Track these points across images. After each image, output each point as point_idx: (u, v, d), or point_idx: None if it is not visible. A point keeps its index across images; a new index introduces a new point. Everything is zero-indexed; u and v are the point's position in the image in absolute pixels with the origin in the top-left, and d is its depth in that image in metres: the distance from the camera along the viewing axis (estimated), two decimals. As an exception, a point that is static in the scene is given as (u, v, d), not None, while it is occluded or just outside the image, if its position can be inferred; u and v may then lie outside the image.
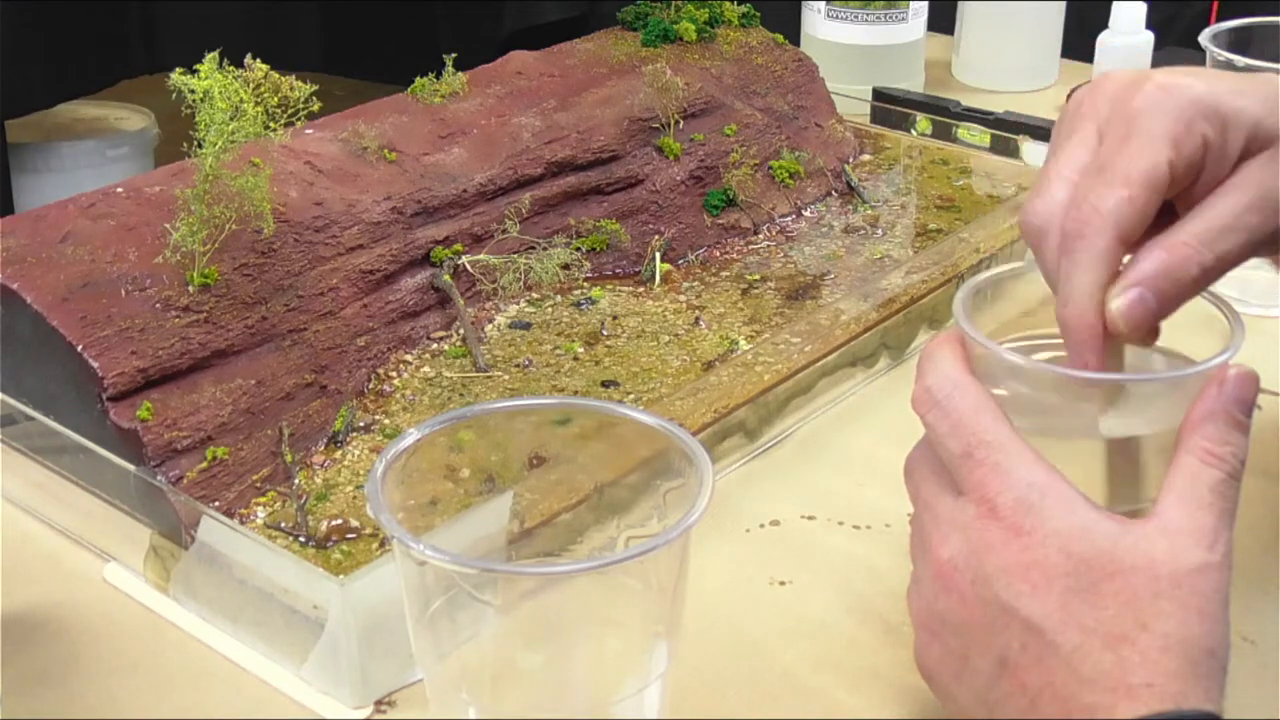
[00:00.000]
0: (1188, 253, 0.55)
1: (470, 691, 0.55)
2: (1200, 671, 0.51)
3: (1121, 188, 0.55)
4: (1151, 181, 0.55)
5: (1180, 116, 0.55)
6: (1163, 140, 0.55)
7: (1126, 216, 0.55)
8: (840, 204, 1.08)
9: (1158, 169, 0.55)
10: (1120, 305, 0.55)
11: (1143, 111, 0.56)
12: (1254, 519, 0.74)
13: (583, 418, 0.62)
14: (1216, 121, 0.56)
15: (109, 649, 0.67)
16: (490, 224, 0.92)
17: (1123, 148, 0.55)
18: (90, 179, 1.65)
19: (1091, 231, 0.55)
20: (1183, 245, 0.55)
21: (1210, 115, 0.56)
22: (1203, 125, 0.56)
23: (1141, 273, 0.55)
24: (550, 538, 0.65)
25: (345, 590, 0.62)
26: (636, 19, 1.12)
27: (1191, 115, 0.55)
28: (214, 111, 0.72)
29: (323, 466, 0.76)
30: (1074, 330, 0.56)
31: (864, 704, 0.64)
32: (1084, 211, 0.55)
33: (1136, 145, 0.55)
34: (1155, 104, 0.56)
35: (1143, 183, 0.55)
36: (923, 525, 0.57)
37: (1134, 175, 0.55)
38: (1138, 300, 0.55)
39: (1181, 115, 0.55)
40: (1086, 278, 0.55)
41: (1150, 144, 0.55)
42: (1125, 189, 0.55)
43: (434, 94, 0.98)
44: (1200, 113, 0.56)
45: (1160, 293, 0.55)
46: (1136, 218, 0.55)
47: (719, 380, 0.81)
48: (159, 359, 0.72)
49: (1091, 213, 0.55)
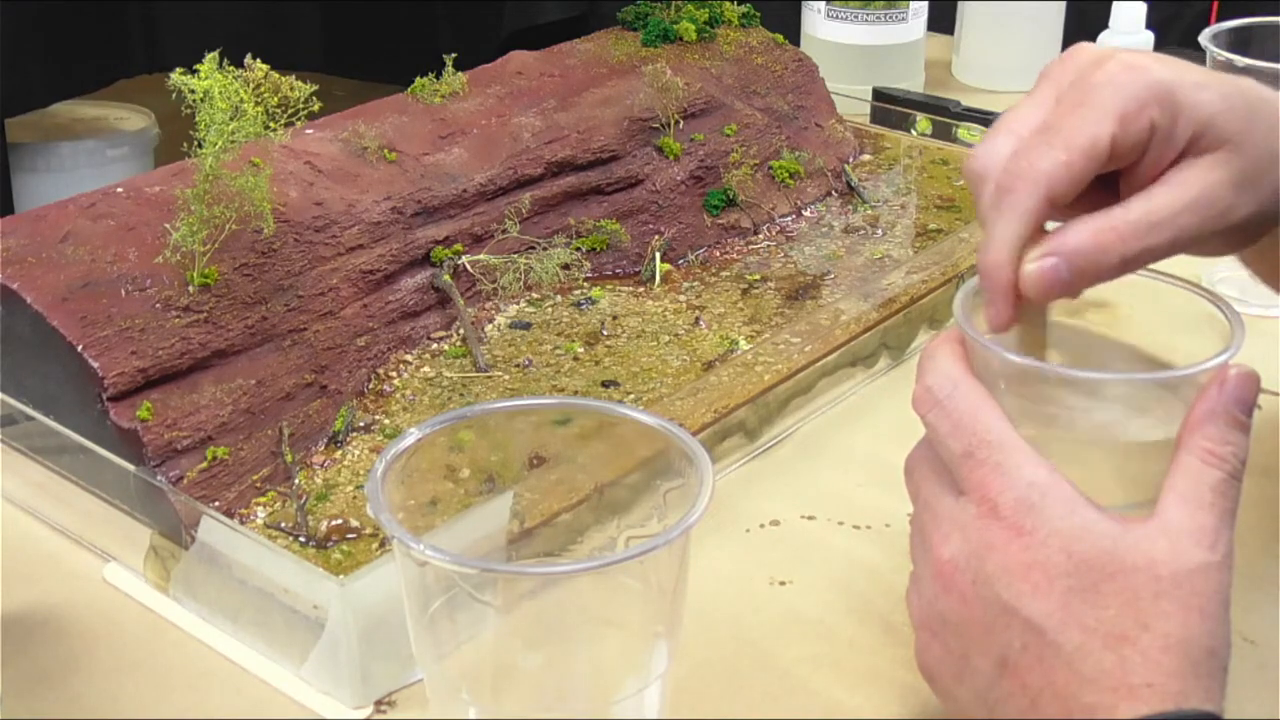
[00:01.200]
0: (1114, 239, 0.56)
1: (470, 691, 0.55)
2: (1201, 671, 0.51)
3: (1061, 151, 0.56)
4: (1090, 151, 0.56)
5: (1134, 95, 0.56)
6: (1110, 114, 0.56)
7: (1059, 179, 0.56)
8: (840, 204, 1.08)
9: (1099, 140, 0.56)
10: (1033, 269, 0.56)
11: (1100, 85, 0.57)
12: (1254, 519, 0.74)
13: (583, 418, 0.62)
14: (1169, 108, 0.56)
15: (109, 649, 0.67)
16: (490, 224, 0.92)
17: (1071, 114, 0.56)
18: (90, 179, 1.64)
19: (1022, 186, 0.56)
20: (1111, 230, 0.56)
21: (1164, 101, 0.56)
22: (1154, 109, 0.56)
23: (1063, 244, 0.56)
24: (550, 538, 0.65)
25: (345, 590, 0.62)
26: (636, 19, 1.12)
27: (1145, 97, 0.56)
28: (214, 111, 0.72)
29: (323, 466, 0.76)
30: (989, 278, 0.57)
31: (864, 704, 0.64)
32: (1020, 166, 0.56)
33: (1084, 114, 0.56)
34: (1113, 79, 0.57)
35: (1082, 150, 0.56)
36: (923, 525, 0.57)
37: (1075, 142, 0.56)
38: (1051, 269, 0.56)
39: (1135, 95, 0.56)
40: (1009, 230, 0.56)
41: (1098, 116, 0.56)
42: (1064, 153, 0.56)
43: (434, 94, 0.98)
44: (1155, 96, 0.56)
45: (1076, 269, 0.56)
46: (1069, 182, 0.56)
47: (719, 380, 0.81)
48: (159, 359, 0.72)
49: (1027, 167, 0.56)
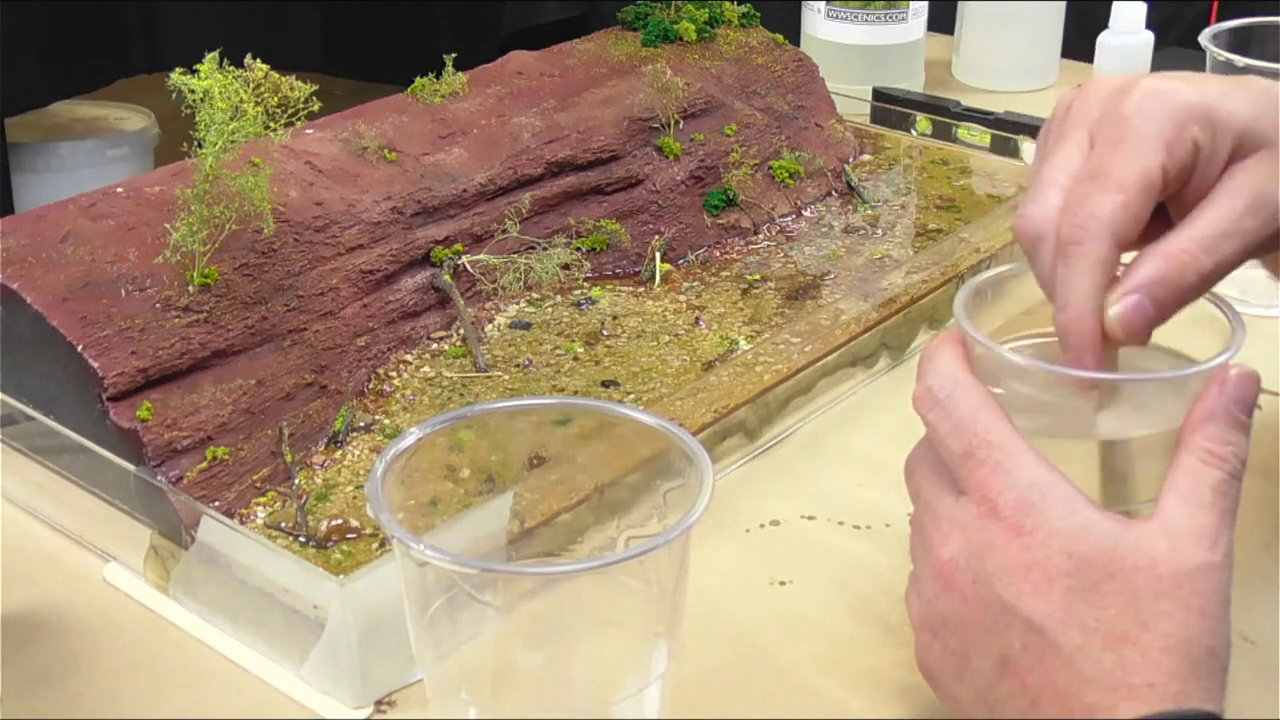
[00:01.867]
0: (1186, 259, 0.55)
1: (470, 691, 0.55)
2: (1201, 671, 0.51)
3: (1116, 193, 0.55)
4: (1145, 186, 0.55)
5: (1172, 120, 0.56)
6: (1155, 144, 0.55)
7: (1122, 222, 0.55)
8: (840, 204, 1.08)
9: (1151, 173, 0.55)
10: (1119, 311, 0.55)
11: (1134, 116, 0.56)
12: (1254, 519, 0.74)
13: (583, 418, 0.62)
14: (1207, 125, 0.56)
15: (109, 649, 0.67)
16: (490, 224, 0.92)
17: (1115, 152, 0.56)
18: (90, 179, 1.64)
19: (1088, 238, 0.55)
20: (1181, 252, 0.55)
21: (1200, 119, 0.56)
22: (1194, 129, 0.56)
23: (1140, 279, 0.55)
24: (550, 538, 0.65)
25: (345, 590, 0.62)
26: (636, 19, 1.12)
27: (1183, 119, 0.56)
28: (214, 111, 0.72)
29: (323, 466, 0.76)
30: (1072, 335, 0.56)
31: (864, 704, 0.64)
32: (1080, 218, 0.55)
33: (1129, 150, 0.55)
34: (1146, 108, 0.56)
35: (1137, 187, 0.55)
36: (923, 525, 0.57)
37: (1128, 180, 0.55)
38: (1135, 307, 0.55)
39: (1173, 119, 0.56)
40: (1085, 284, 0.55)
41: (1143, 148, 0.55)
42: (1120, 194, 0.55)
43: (434, 94, 0.98)
44: (1191, 117, 0.56)
45: (1158, 299, 0.55)
46: (1132, 222, 0.55)
47: (719, 380, 0.81)
48: (159, 359, 0.72)
49: (1088, 219, 0.55)
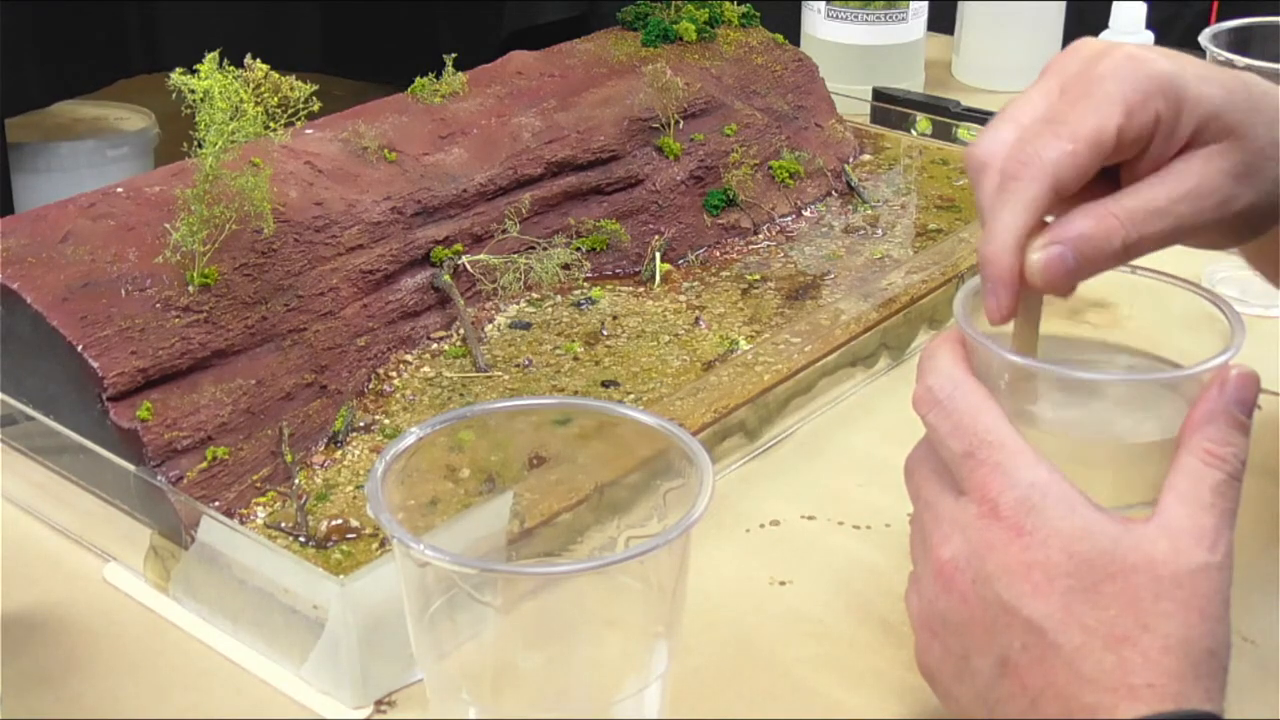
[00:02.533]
0: (1114, 224, 0.56)
1: (470, 691, 0.55)
2: (1201, 672, 0.51)
3: (1067, 141, 0.56)
4: (1096, 141, 0.56)
5: (1139, 87, 0.56)
6: (1116, 105, 0.56)
7: (1065, 169, 0.56)
8: (840, 204, 1.08)
9: (1105, 131, 0.56)
10: (1040, 258, 0.56)
11: (1105, 76, 0.57)
12: (1254, 519, 0.74)
13: (583, 418, 0.62)
14: (1173, 100, 0.56)
15: (109, 649, 0.67)
16: (490, 224, 0.92)
17: (1077, 104, 0.56)
18: (90, 179, 1.65)
19: (1028, 175, 0.56)
20: (1111, 217, 0.56)
21: (1169, 93, 0.56)
22: (1159, 100, 0.56)
23: (1067, 232, 0.56)
24: (550, 538, 0.65)
25: (345, 590, 0.62)
26: (636, 19, 1.12)
27: (1150, 89, 0.56)
28: (214, 111, 0.72)
29: (323, 466, 0.76)
30: (991, 266, 0.57)
31: (864, 704, 0.64)
32: (1025, 154, 0.56)
33: (1090, 104, 0.56)
34: (1119, 70, 0.57)
35: (1088, 140, 0.55)
36: (923, 525, 0.57)
37: (1081, 132, 0.56)
38: (1057, 256, 0.56)
39: (1140, 86, 0.56)
40: (1013, 219, 0.56)
41: (1104, 106, 0.56)
42: (1070, 143, 0.55)
43: (434, 94, 0.98)
44: (1160, 88, 0.56)
45: (1081, 255, 0.56)
46: (1074, 172, 0.56)
47: (719, 380, 0.81)
48: (159, 359, 0.72)
49: (1033, 157, 0.56)
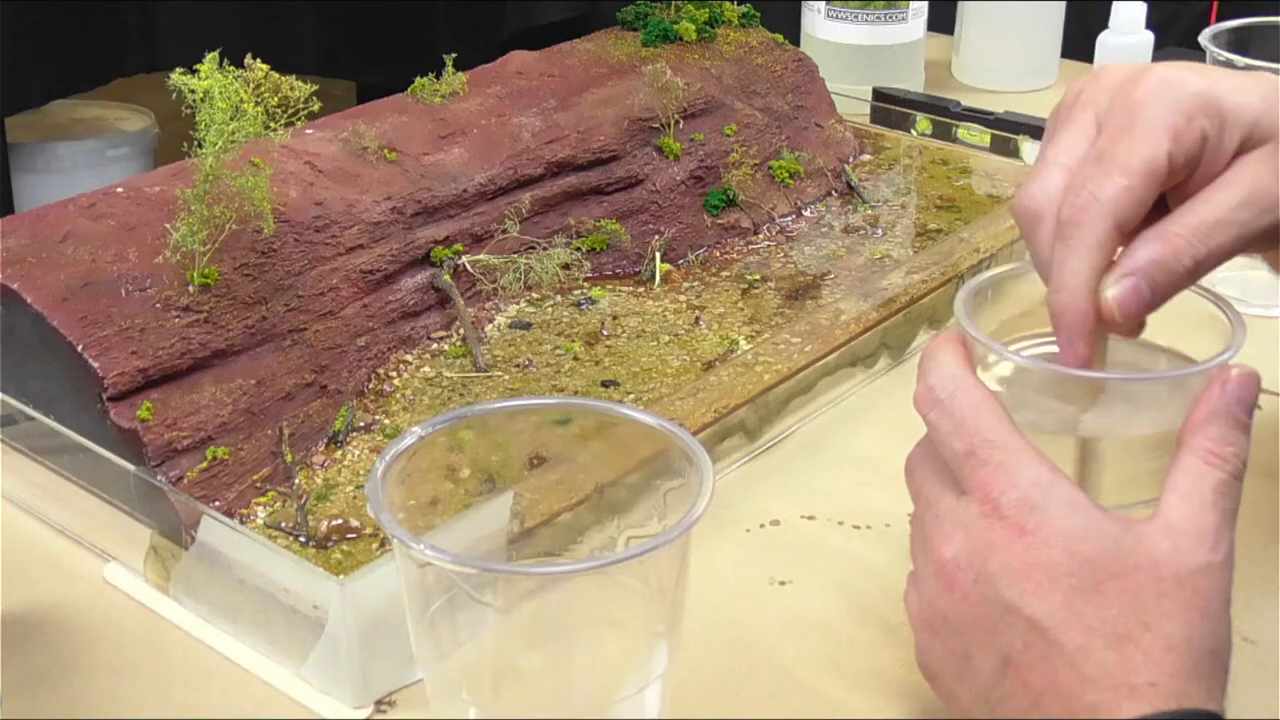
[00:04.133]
0: (1181, 244, 0.55)
1: (470, 691, 0.55)
2: (1203, 671, 0.51)
3: (1120, 177, 0.55)
4: (1150, 172, 0.55)
5: (1180, 109, 0.55)
6: (1163, 132, 0.55)
7: (1125, 206, 0.55)
8: (840, 204, 1.08)
9: (1157, 160, 0.55)
10: (1116, 294, 0.55)
11: (1144, 103, 0.56)
12: (1254, 519, 0.73)
13: (583, 418, 0.62)
14: (1216, 117, 0.56)
15: (109, 649, 0.67)
16: (490, 224, 0.92)
17: (1122, 137, 0.56)
18: (90, 179, 1.65)
19: (1089, 219, 0.55)
20: (1176, 237, 0.55)
21: (1210, 110, 0.56)
22: (1202, 120, 0.56)
23: (1136, 262, 0.55)
24: (550, 538, 0.65)
25: (345, 590, 0.62)
26: (636, 19, 1.12)
27: (1192, 109, 0.56)
28: (214, 111, 0.72)
29: (323, 466, 0.76)
30: (1066, 316, 0.56)
31: (864, 704, 0.64)
32: (1082, 199, 0.55)
33: (1136, 135, 0.55)
34: (1156, 96, 0.56)
35: (1142, 173, 0.55)
36: (924, 524, 0.57)
37: (1133, 165, 0.55)
38: (1132, 290, 0.55)
39: (1182, 108, 0.55)
40: (1082, 265, 0.55)
41: (1150, 135, 0.55)
42: (1124, 178, 0.55)
43: (434, 94, 0.98)
44: (1200, 107, 0.56)
45: (1154, 283, 0.55)
46: (1134, 207, 0.55)
47: (719, 380, 0.81)
48: (159, 359, 0.72)
49: (1090, 200, 0.55)
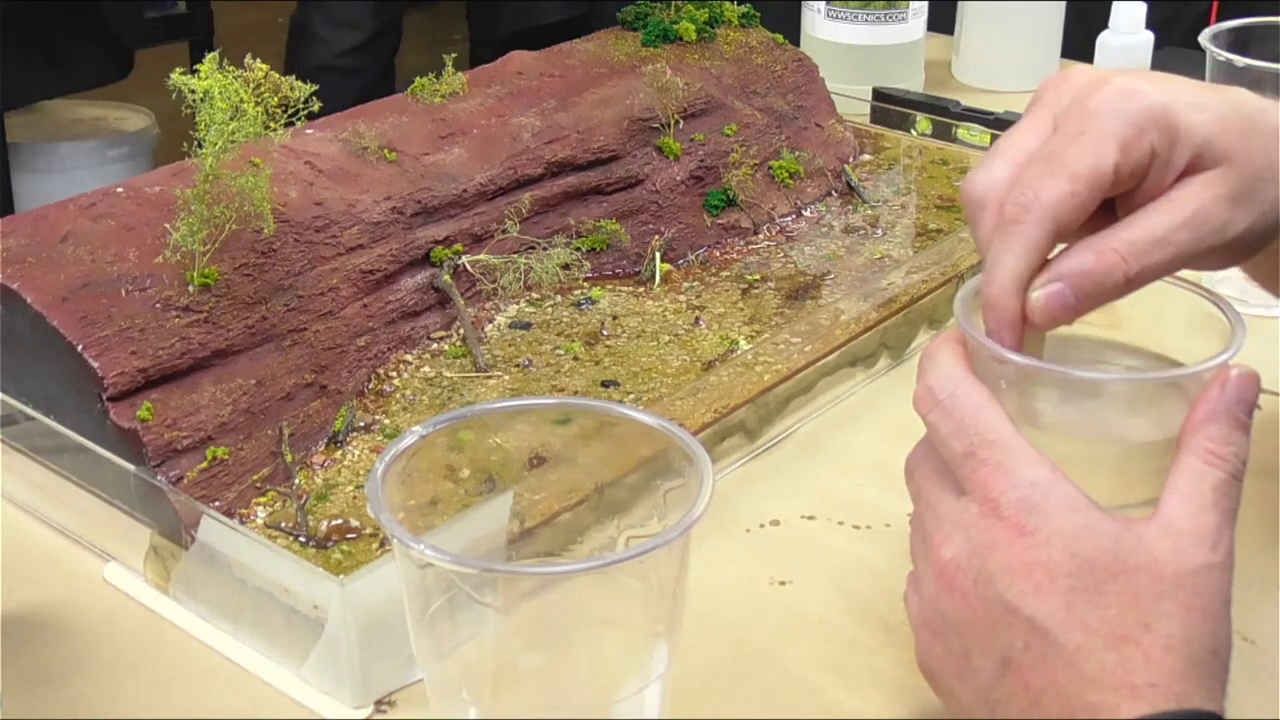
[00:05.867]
0: (1115, 259, 0.56)
1: (470, 691, 0.55)
2: (1203, 671, 0.51)
3: (1065, 181, 0.55)
4: (1095, 180, 0.56)
5: (1133, 121, 0.56)
6: (1112, 141, 0.56)
7: (1066, 210, 0.56)
8: (840, 204, 1.08)
9: (1103, 169, 0.55)
10: (1040, 296, 0.56)
11: (1099, 110, 0.56)
12: (1254, 519, 0.74)
13: (583, 418, 0.62)
14: (1167, 132, 0.56)
15: (109, 649, 0.67)
16: (490, 224, 0.92)
17: (1073, 142, 0.56)
18: (90, 179, 1.65)
19: (1029, 218, 0.56)
20: (1112, 252, 0.56)
21: (1162, 125, 0.56)
22: (1153, 133, 0.56)
23: (1067, 269, 0.56)
24: (550, 538, 0.65)
25: (345, 590, 0.62)
26: (636, 19, 1.12)
27: (1144, 122, 0.56)
28: (214, 111, 0.72)
29: (323, 466, 0.76)
30: (995, 309, 0.57)
31: (864, 704, 0.64)
32: (1025, 197, 0.56)
33: (1086, 142, 0.56)
34: (1112, 105, 0.56)
35: (1087, 180, 0.55)
36: (924, 525, 0.57)
37: (1079, 171, 0.55)
38: (1057, 294, 0.56)
39: (1134, 120, 0.56)
40: (1015, 263, 0.56)
41: (1100, 143, 0.56)
42: (1069, 184, 0.55)
43: (434, 94, 0.98)
44: (1154, 121, 0.56)
45: (1080, 291, 0.56)
46: (1075, 212, 0.56)
47: (719, 380, 0.81)
48: (159, 359, 0.72)
49: (1033, 199, 0.56)
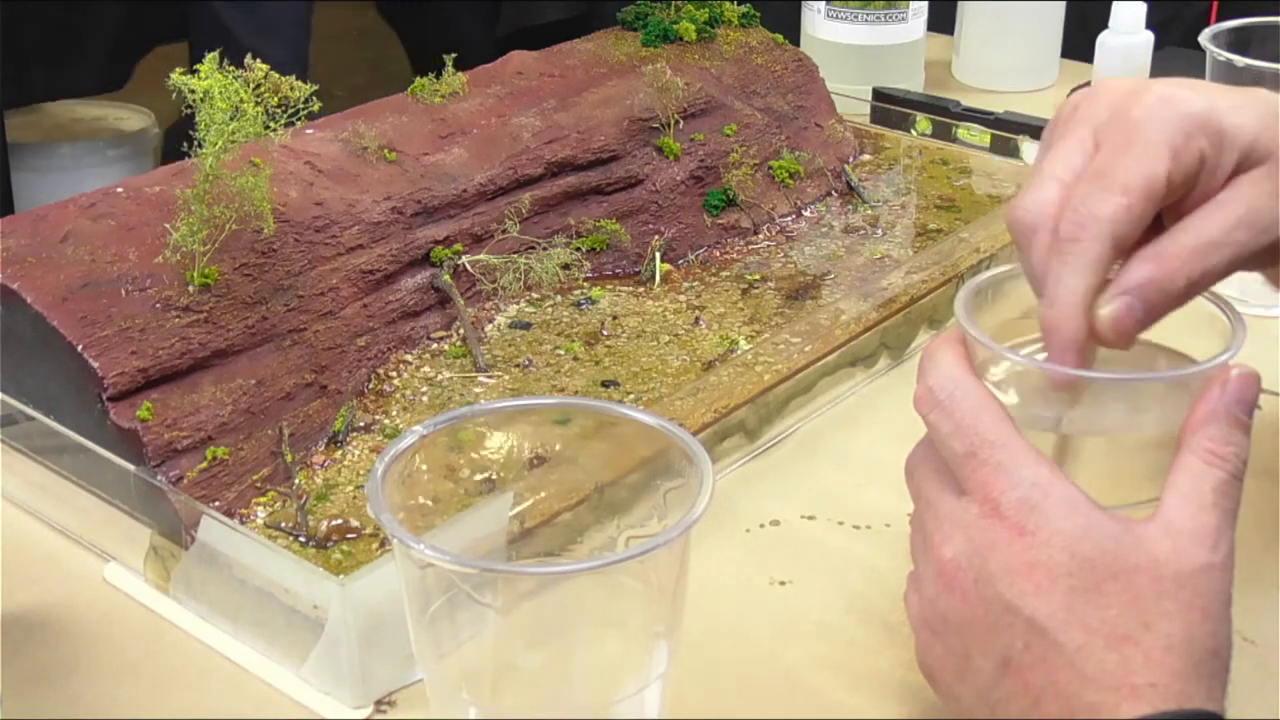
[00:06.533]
0: (1176, 265, 0.55)
1: (470, 691, 0.55)
2: (1203, 671, 0.51)
3: (1120, 195, 0.55)
4: (1149, 191, 0.55)
5: (1180, 129, 0.56)
6: (1162, 151, 0.55)
7: (1123, 224, 0.55)
8: (840, 204, 1.08)
9: (1156, 179, 0.55)
10: (1109, 312, 0.55)
11: (1143, 121, 0.56)
12: (1254, 519, 0.74)
13: (583, 418, 0.62)
14: (1214, 136, 0.56)
15: (109, 649, 0.67)
16: (490, 224, 0.92)
17: (1121, 155, 0.56)
18: (90, 179, 1.65)
19: (1088, 236, 0.55)
20: (1172, 257, 0.55)
21: (1208, 130, 0.56)
22: (1201, 139, 0.56)
23: (1131, 281, 0.55)
24: (550, 538, 0.65)
25: (345, 590, 0.62)
26: (636, 19, 1.12)
27: (1191, 129, 0.56)
28: (214, 111, 0.72)
29: (323, 466, 0.76)
30: (1058, 332, 0.56)
31: (864, 704, 0.64)
32: (1081, 215, 0.55)
33: (1135, 154, 0.55)
34: (1155, 114, 0.56)
35: (1141, 192, 0.55)
36: (924, 524, 0.57)
37: (1133, 184, 0.55)
38: (1126, 309, 0.55)
39: (1181, 128, 0.56)
40: (1078, 282, 0.55)
41: (1149, 154, 0.55)
42: (1124, 197, 0.55)
43: (434, 94, 0.98)
44: (1199, 127, 0.56)
45: (1148, 302, 0.55)
46: (1133, 226, 0.55)
47: (719, 380, 0.81)
48: (159, 359, 0.72)
49: (1089, 218, 0.55)
